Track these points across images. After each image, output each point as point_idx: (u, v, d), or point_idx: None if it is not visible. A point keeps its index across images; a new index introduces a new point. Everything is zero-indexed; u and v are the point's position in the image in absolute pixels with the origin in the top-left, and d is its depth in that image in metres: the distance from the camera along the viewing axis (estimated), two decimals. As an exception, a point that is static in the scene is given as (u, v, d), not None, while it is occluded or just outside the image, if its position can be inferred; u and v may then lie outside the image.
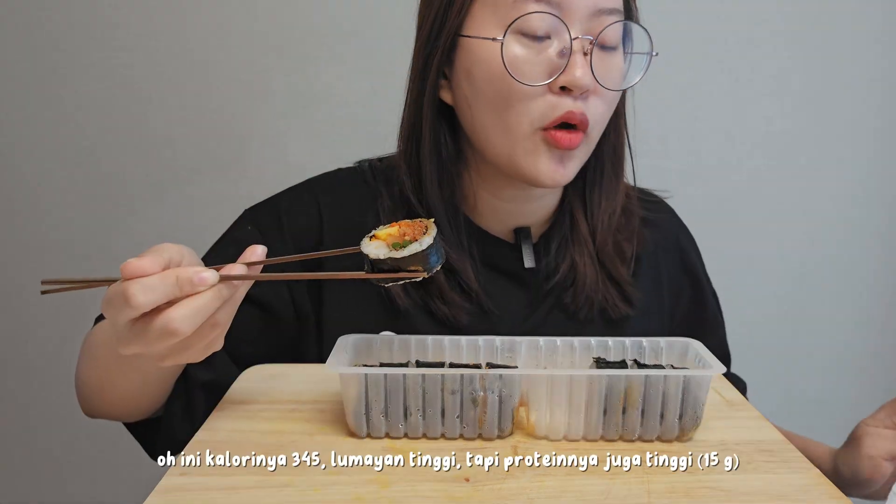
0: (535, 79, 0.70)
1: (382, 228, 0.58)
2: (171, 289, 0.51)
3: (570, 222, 0.85)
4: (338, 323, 0.80)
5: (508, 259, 0.84)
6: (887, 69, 1.55)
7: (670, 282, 0.91)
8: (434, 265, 0.56)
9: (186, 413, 0.75)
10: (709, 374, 0.62)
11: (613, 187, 0.84)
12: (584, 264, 0.83)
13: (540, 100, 0.71)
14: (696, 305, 0.93)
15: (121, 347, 0.54)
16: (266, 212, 0.84)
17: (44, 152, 1.51)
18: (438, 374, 0.60)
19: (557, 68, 0.70)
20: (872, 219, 1.62)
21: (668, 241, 0.92)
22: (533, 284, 0.84)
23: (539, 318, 0.83)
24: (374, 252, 0.56)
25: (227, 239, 0.83)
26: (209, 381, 0.75)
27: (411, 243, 0.56)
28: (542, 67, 0.71)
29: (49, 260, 1.55)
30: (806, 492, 0.55)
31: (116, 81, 1.48)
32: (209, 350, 0.58)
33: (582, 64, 0.70)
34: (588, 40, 0.70)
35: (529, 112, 0.71)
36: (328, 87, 1.50)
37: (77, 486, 1.66)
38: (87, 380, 0.73)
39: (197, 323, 0.52)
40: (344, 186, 0.86)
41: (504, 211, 0.83)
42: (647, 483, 0.56)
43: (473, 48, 0.73)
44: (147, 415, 0.76)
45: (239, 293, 0.57)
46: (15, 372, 1.61)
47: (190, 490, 0.54)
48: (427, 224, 0.58)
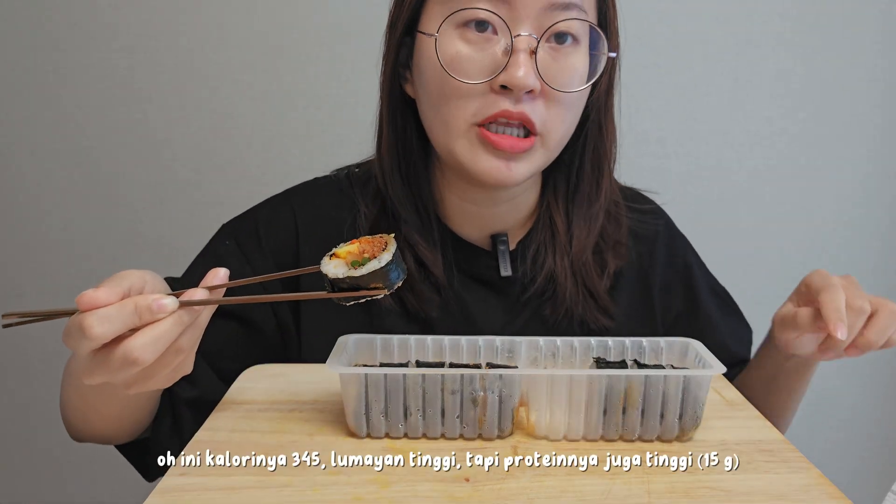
0: (473, 76, 0.69)
1: (343, 246, 0.58)
2: (129, 318, 0.50)
3: (549, 228, 0.83)
4: (316, 330, 0.80)
5: (484, 267, 0.82)
6: (887, 69, 1.55)
7: (661, 292, 0.88)
8: (395, 281, 0.56)
9: (174, 432, 0.75)
10: (709, 374, 0.62)
11: (593, 192, 0.82)
12: (565, 274, 0.81)
13: (478, 97, 0.70)
14: (689, 312, 0.91)
15: (84, 378, 0.53)
16: (244, 226, 0.84)
17: (44, 152, 1.51)
18: (438, 374, 0.60)
19: (499, 66, 0.68)
20: (872, 219, 1.62)
21: (658, 252, 0.89)
22: (510, 293, 0.82)
23: (517, 328, 0.82)
24: (333, 272, 0.56)
25: (207, 255, 0.83)
26: (194, 399, 0.75)
27: (370, 261, 0.55)
28: (484, 65, 0.69)
29: (49, 260, 1.55)
30: (806, 492, 0.55)
31: (116, 81, 1.48)
32: (177, 375, 0.57)
33: (525, 62, 0.67)
34: (534, 38, 0.68)
35: (466, 108, 0.70)
36: (328, 87, 1.50)
37: (77, 486, 1.66)
38: (69, 405, 0.72)
39: (158, 350, 0.51)
40: (321, 196, 0.85)
41: (475, 215, 0.82)
42: (647, 483, 0.56)
43: (422, 43, 0.72)
44: (134, 436, 0.76)
45: (202, 318, 0.55)
46: (15, 372, 1.61)
47: (190, 490, 0.54)
48: (387, 240, 0.57)
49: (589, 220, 0.82)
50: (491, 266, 0.82)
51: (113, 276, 0.54)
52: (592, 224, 0.82)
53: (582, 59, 0.72)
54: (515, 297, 0.82)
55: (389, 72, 0.77)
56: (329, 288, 0.56)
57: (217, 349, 0.77)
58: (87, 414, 0.70)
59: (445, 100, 0.71)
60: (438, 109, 0.72)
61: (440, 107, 0.72)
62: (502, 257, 0.82)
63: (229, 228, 0.85)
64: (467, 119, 0.70)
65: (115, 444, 0.78)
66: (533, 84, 0.68)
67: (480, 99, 0.69)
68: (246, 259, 0.82)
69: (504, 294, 0.82)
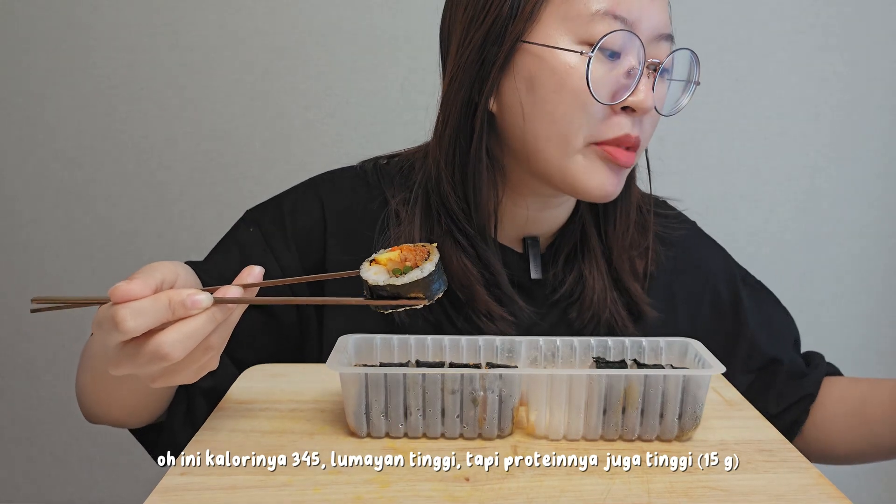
0: (604, 96, 0.69)
1: (383, 252, 0.57)
2: (163, 312, 0.50)
3: (580, 234, 0.83)
4: (339, 325, 0.79)
5: (515, 268, 0.82)
6: (887, 69, 1.55)
7: (687, 301, 0.88)
8: (436, 292, 0.55)
9: (188, 418, 0.74)
10: (708, 374, 0.62)
11: (627, 201, 0.83)
12: (593, 278, 0.81)
13: (601, 116, 0.70)
14: (718, 320, 0.89)
15: (111, 368, 0.53)
16: (269, 213, 0.83)
17: (44, 153, 1.52)
18: (438, 373, 0.60)
19: (624, 88, 0.69)
20: (872, 219, 1.62)
21: (685, 261, 0.88)
22: (538, 296, 0.82)
23: (543, 331, 0.81)
24: (374, 278, 0.54)
25: (229, 241, 0.82)
26: (210, 388, 0.75)
27: (412, 269, 0.54)
28: (611, 85, 0.69)
29: (50, 261, 1.56)
30: (806, 492, 0.55)
31: (116, 81, 1.48)
32: (202, 372, 0.56)
33: (646, 86, 0.69)
34: (654, 63, 0.70)
35: (589, 127, 0.70)
36: (328, 87, 1.50)
37: (77, 486, 1.66)
38: (85, 388, 0.72)
39: (189, 347, 0.51)
40: (348, 186, 0.84)
41: (517, 217, 0.81)
42: (647, 483, 0.56)
43: (543, 56, 0.70)
44: (148, 422, 0.76)
45: (234, 316, 0.55)
46: (15, 372, 1.61)
47: (190, 490, 0.54)
48: (430, 249, 0.56)
49: (623, 225, 0.83)
50: (522, 268, 0.82)
51: (144, 267, 0.53)
52: (627, 229, 0.83)
53: (667, 83, 0.75)
54: (544, 299, 0.82)
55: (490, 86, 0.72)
56: (368, 294, 0.55)
57: (236, 338, 0.77)
58: (103, 398, 0.70)
59: (570, 117, 0.70)
60: (557, 126, 0.71)
61: (560, 123, 0.70)
62: (534, 260, 0.82)
63: (253, 215, 0.83)
64: (587, 138, 0.71)
65: (127, 428, 0.78)
66: (651, 107, 0.70)
67: (602, 117, 0.70)
68: (269, 247, 0.80)
69: (532, 297, 0.82)
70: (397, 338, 0.68)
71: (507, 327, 0.79)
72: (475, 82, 0.73)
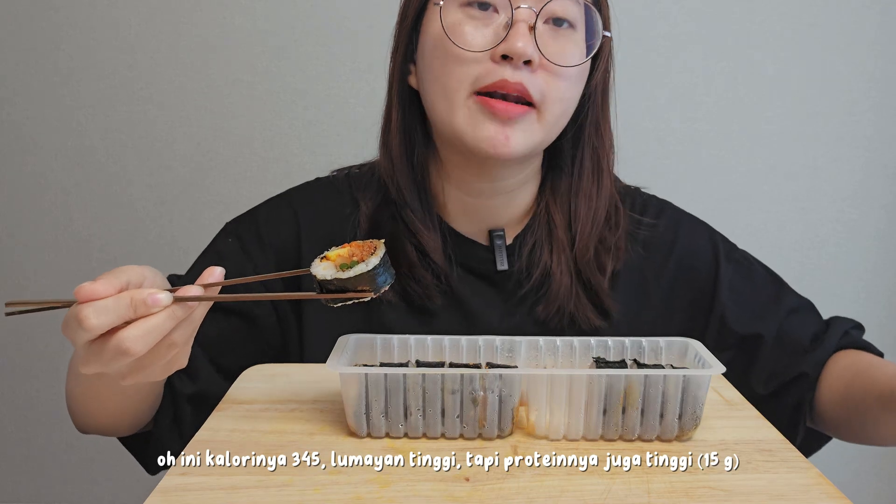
0: (475, 45, 0.72)
1: (334, 250, 0.60)
2: (124, 310, 0.52)
3: (546, 225, 0.83)
4: (318, 326, 0.81)
5: (481, 260, 0.83)
6: (885, 69, 1.55)
7: (663, 292, 0.86)
8: (382, 285, 0.57)
9: (175, 426, 0.76)
10: (708, 374, 0.62)
11: (595, 192, 0.82)
12: (560, 271, 0.81)
13: (478, 65, 0.72)
14: (698, 307, 0.86)
15: (81, 367, 0.55)
16: (246, 225, 0.85)
17: (44, 152, 1.52)
18: (438, 373, 0.60)
19: (500, 38, 0.72)
20: (871, 219, 1.62)
21: (660, 251, 0.86)
22: (506, 287, 0.83)
23: (515, 321, 0.83)
24: (322, 273, 0.57)
25: (210, 252, 0.85)
26: (194, 394, 0.76)
27: (358, 264, 0.57)
28: (486, 37, 0.72)
29: (49, 260, 1.56)
30: (806, 492, 0.55)
31: (116, 81, 1.48)
32: (171, 368, 0.58)
33: (524, 34, 0.71)
34: (534, 12, 0.72)
35: (466, 75, 0.73)
36: (328, 87, 1.50)
37: (77, 486, 1.66)
38: (73, 396, 0.74)
39: (150, 343, 0.53)
40: (321, 196, 0.87)
41: (474, 209, 0.83)
42: (647, 483, 0.56)
43: (428, 17, 0.76)
44: (136, 429, 0.77)
45: (196, 314, 0.57)
46: (15, 372, 1.61)
47: (190, 490, 0.54)
48: (377, 244, 0.59)
49: (590, 218, 0.83)
50: (488, 260, 0.83)
51: (112, 270, 0.55)
52: (594, 223, 0.83)
53: (579, 43, 0.76)
54: (512, 292, 0.83)
55: (399, 63, 0.79)
56: (318, 289, 0.58)
57: (217, 344, 0.79)
58: (89, 405, 0.72)
59: (447, 68, 0.73)
60: (438, 79, 0.74)
61: (441, 76, 0.74)
62: (499, 251, 0.83)
63: (232, 227, 0.86)
64: (467, 87, 0.73)
65: (118, 437, 0.79)
66: (532, 54, 0.71)
67: (480, 67, 0.72)
68: (248, 257, 0.83)
69: (500, 288, 0.83)
70: (397, 338, 0.69)
71: (431, 293, 0.80)
72: (395, 62, 0.80)
